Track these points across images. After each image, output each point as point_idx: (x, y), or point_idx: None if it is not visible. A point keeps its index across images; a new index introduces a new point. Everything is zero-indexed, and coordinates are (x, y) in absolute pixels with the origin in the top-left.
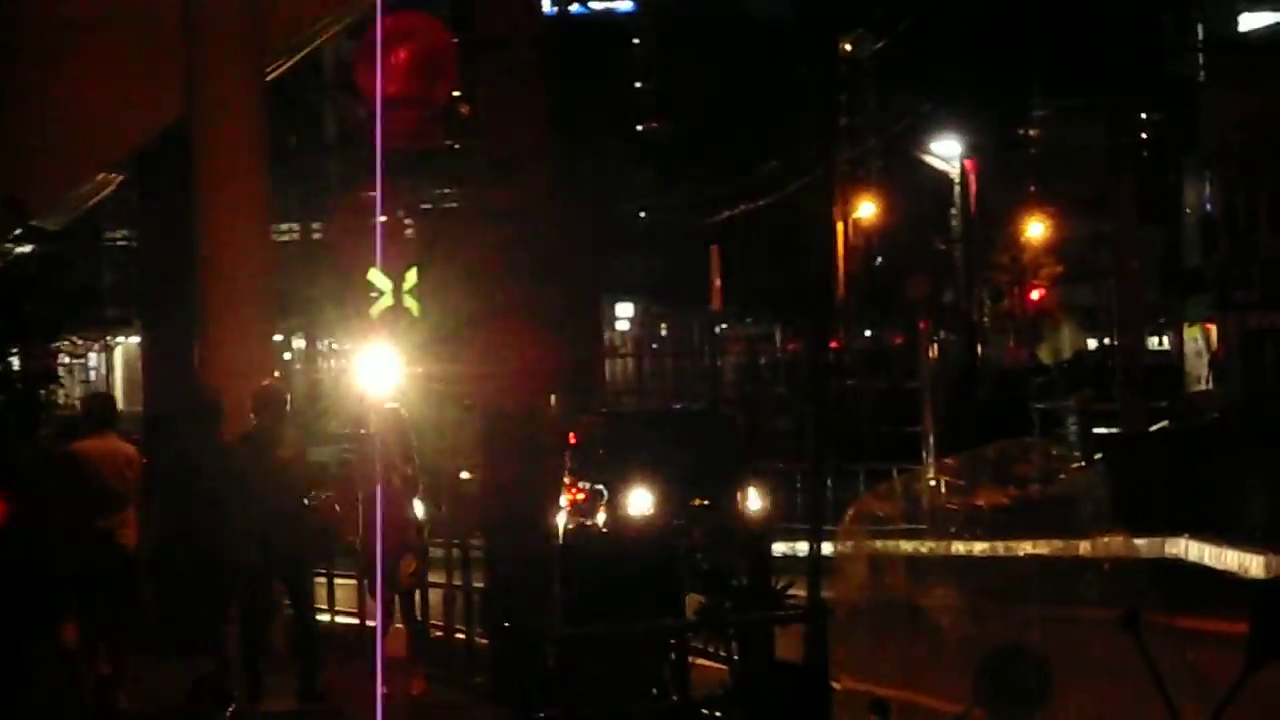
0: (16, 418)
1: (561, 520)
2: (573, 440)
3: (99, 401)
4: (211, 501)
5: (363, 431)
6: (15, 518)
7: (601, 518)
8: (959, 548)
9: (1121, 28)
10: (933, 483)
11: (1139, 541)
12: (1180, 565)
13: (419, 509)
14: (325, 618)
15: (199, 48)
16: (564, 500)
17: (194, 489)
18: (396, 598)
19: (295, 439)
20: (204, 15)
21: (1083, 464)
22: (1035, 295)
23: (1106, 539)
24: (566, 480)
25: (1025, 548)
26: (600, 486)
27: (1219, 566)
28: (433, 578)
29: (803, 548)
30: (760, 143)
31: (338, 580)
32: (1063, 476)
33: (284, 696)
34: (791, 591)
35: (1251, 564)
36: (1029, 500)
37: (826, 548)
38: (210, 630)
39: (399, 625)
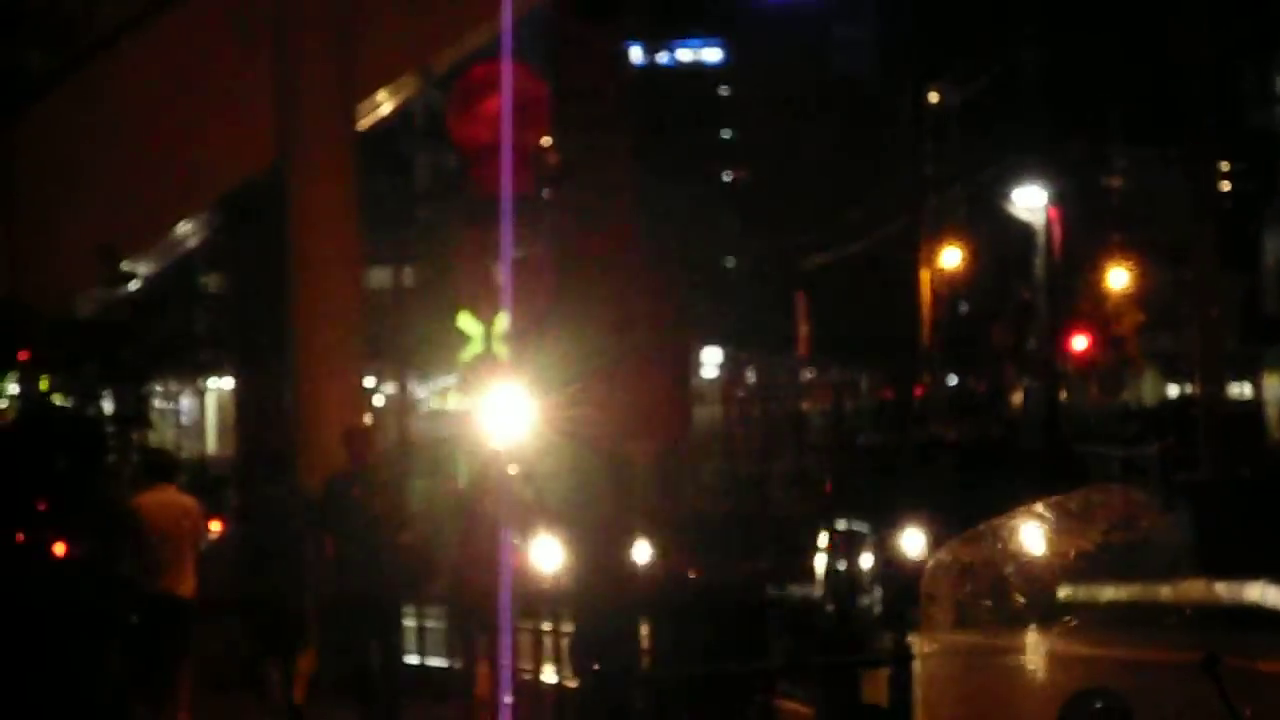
0: (105, 461)
1: (821, 563)
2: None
3: (156, 456)
4: (273, 548)
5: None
6: (73, 561)
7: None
8: (1046, 592)
9: (1204, 76)
10: (1021, 528)
11: (1219, 587)
12: (1260, 611)
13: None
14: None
15: (290, 95)
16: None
17: (261, 535)
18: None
19: (387, 480)
20: (295, 63)
21: (1165, 510)
22: (1118, 343)
23: (1188, 584)
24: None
25: (1109, 593)
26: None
27: None
28: (523, 621)
29: None
30: (846, 191)
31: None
32: (1145, 523)
33: None
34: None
35: None
36: (1113, 545)
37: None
38: (265, 673)
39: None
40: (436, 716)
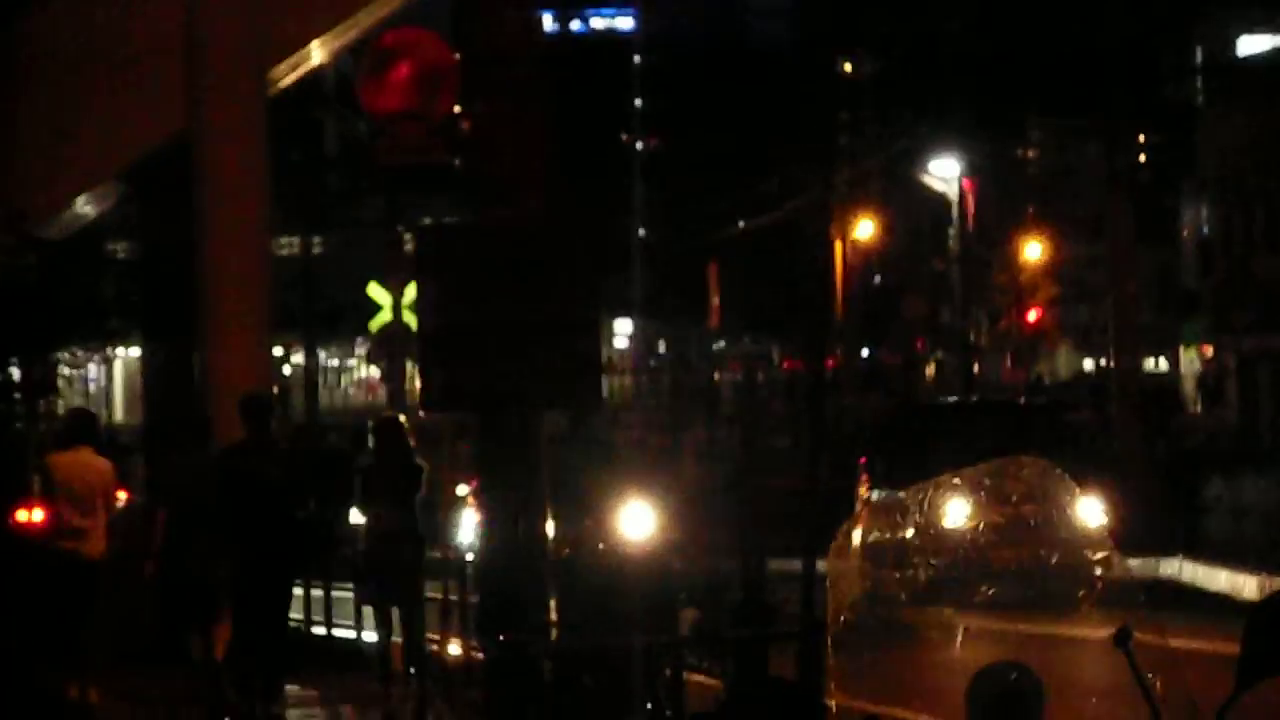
0: (13, 427)
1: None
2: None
3: (77, 416)
4: (193, 516)
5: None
6: None
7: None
8: (954, 565)
9: (1120, 50)
10: (927, 500)
11: (1134, 562)
12: (1173, 586)
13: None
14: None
15: (200, 64)
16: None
17: (180, 502)
18: (395, 611)
19: (288, 451)
20: (206, 33)
21: (1078, 483)
22: (1032, 316)
23: (1101, 558)
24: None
25: (1021, 567)
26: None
27: (1212, 588)
28: (431, 591)
29: None
30: (759, 162)
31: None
32: (1058, 495)
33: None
34: None
35: (1245, 585)
36: (1023, 518)
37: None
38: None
39: (397, 639)
40: (345, 687)
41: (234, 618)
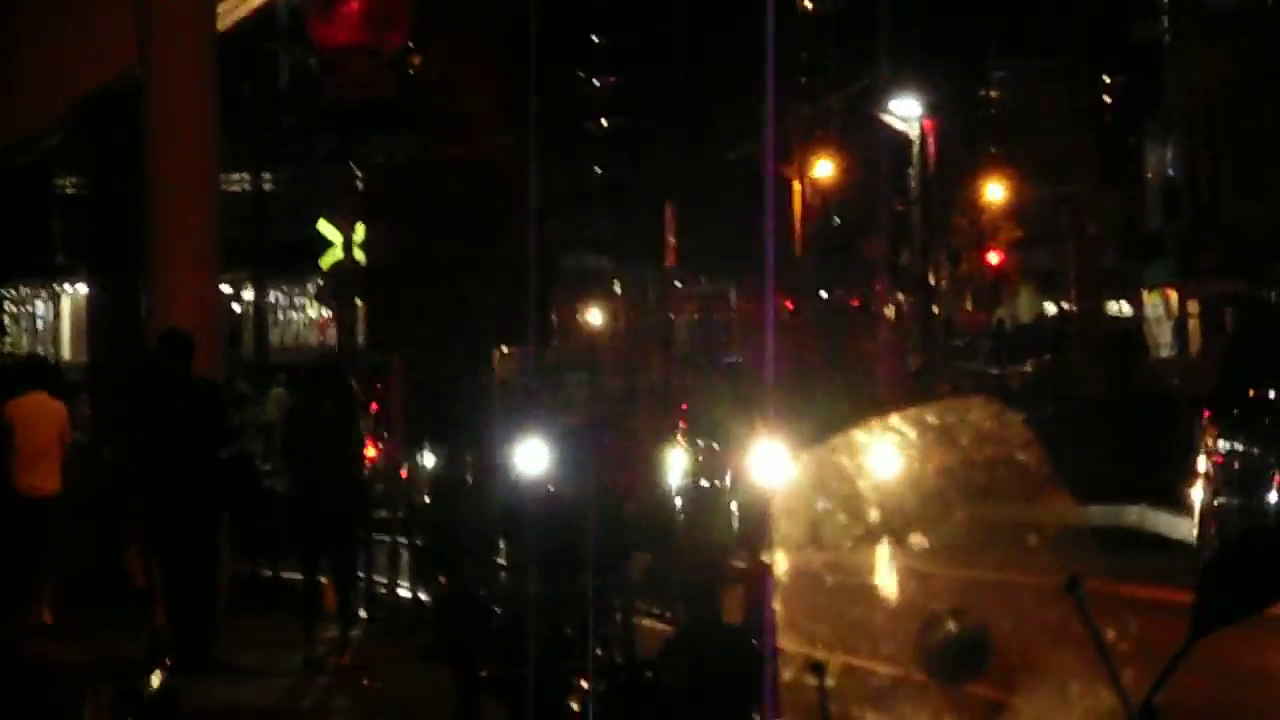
0: None
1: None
2: None
3: (30, 361)
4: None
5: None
6: None
7: None
8: (903, 510)
9: None
10: (877, 442)
11: (1095, 509)
12: (1125, 533)
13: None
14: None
15: None
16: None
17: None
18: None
19: (211, 389)
20: None
21: (1031, 427)
22: (994, 258)
23: (1052, 504)
24: None
25: (969, 512)
26: None
27: (1175, 536)
28: (380, 535)
29: None
30: (718, 98)
31: None
32: (1010, 439)
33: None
34: None
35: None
36: (975, 462)
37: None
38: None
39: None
40: (276, 629)
41: (160, 558)
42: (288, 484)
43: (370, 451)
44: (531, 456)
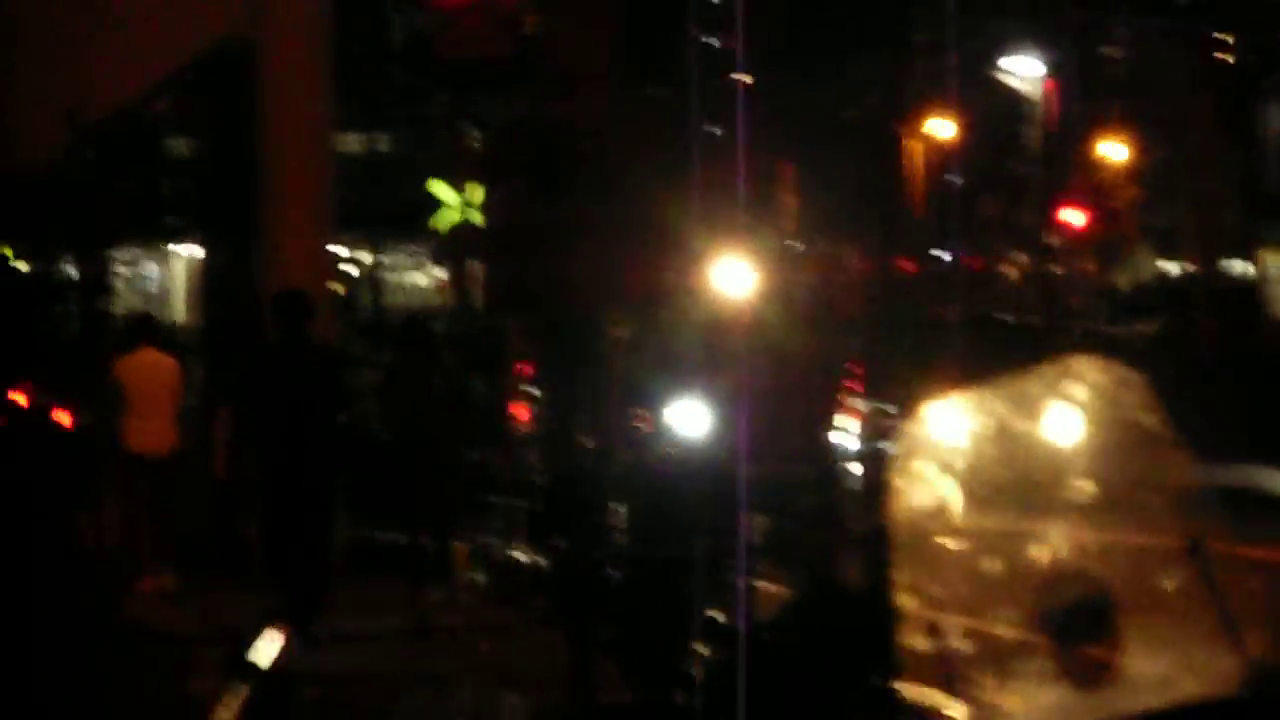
0: (70, 327)
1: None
2: None
3: (139, 318)
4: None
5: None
6: (38, 413)
7: None
8: (1018, 472)
9: None
10: (994, 402)
11: (1218, 470)
12: (1249, 494)
13: None
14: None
15: None
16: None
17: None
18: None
19: (329, 355)
20: None
21: (1152, 388)
22: (1113, 218)
23: (1174, 465)
24: None
25: (1090, 473)
26: None
27: None
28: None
29: None
30: (838, 61)
31: None
32: (1130, 400)
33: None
34: None
35: None
36: (1094, 422)
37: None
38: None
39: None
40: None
41: (266, 527)
42: (388, 445)
43: (521, 414)
44: (687, 418)
